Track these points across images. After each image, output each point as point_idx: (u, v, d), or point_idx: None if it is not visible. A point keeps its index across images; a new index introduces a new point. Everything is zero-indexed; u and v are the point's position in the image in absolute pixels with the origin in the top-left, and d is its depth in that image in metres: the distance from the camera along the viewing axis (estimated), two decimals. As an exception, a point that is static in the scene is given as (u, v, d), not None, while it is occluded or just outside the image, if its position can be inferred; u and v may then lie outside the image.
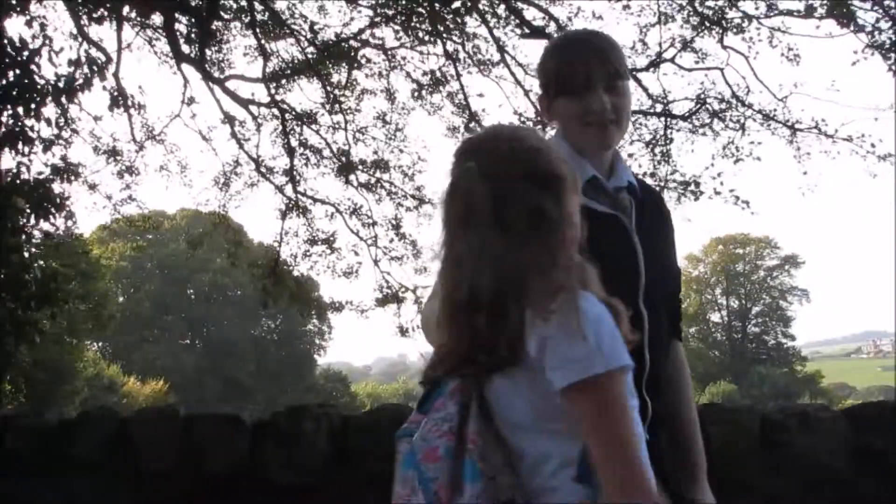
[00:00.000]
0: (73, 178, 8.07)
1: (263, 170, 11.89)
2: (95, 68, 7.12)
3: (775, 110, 9.96)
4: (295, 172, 11.72)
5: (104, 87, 8.80)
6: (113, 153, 11.20)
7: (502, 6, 9.81)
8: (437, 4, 9.23)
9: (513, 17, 9.86)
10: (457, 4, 9.42)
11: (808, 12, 8.99)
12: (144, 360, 42.99)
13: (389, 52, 10.84)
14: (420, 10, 9.53)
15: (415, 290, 12.83)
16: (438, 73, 10.79)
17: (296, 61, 10.62)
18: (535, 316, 1.44)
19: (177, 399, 36.45)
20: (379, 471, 5.00)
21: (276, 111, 11.32)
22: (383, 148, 12.00)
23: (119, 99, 7.83)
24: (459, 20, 9.81)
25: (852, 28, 8.75)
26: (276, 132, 11.58)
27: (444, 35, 10.16)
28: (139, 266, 46.64)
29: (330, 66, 10.58)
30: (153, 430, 5.25)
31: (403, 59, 11.07)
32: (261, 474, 5.00)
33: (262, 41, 10.35)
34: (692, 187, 10.46)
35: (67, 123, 8.40)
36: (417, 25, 10.00)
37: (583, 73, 1.94)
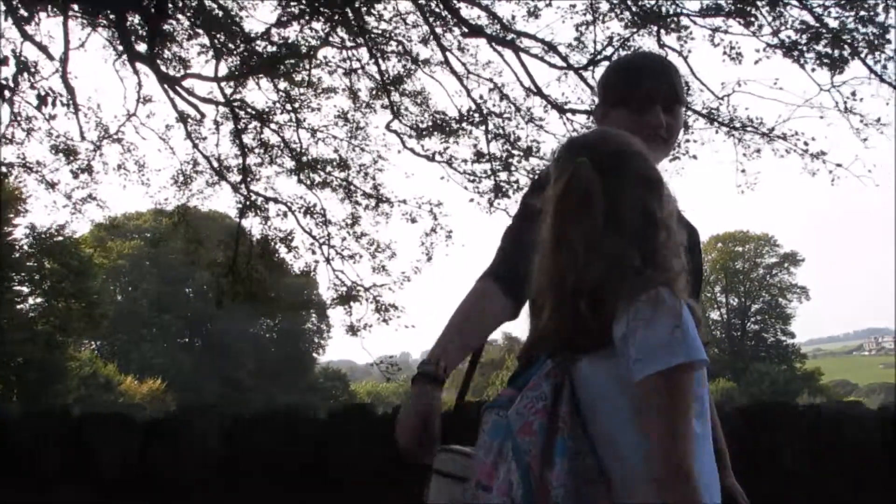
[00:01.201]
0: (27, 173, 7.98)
1: (218, 168, 11.80)
2: (24, 67, 7.03)
3: (716, 109, 9.89)
4: (249, 171, 11.65)
5: (32, 86, 8.70)
6: (66, 152, 11.15)
7: (439, 5, 9.76)
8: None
9: (451, 17, 9.78)
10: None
11: (711, 11, 9.05)
12: (142, 358, 43.02)
13: (349, 52, 10.77)
14: (322, 8, 9.47)
15: (369, 288, 12.84)
16: (387, 74, 10.77)
17: (252, 60, 10.51)
18: (625, 307, 1.53)
19: (174, 398, 36.45)
20: (272, 467, 5.02)
21: (230, 110, 11.26)
22: (343, 147, 11.94)
23: (48, 98, 7.74)
24: (361, 21, 9.82)
25: (752, 29, 8.90)
26: (231, 131, 11.51)
27: (366, 35, 10.14)
28: (137, 265, 46.65)
29: (283, 65, 10.47)
30: (41, 431, 5.19)
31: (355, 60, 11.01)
32: (151, 472, 4.98)
33: (215, 40, 10.23)
34: None
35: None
36: (327, 22, 9.93)
37: (646, 89, 2.11)
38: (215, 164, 11.75)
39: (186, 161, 12.01)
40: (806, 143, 9.53)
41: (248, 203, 11.88)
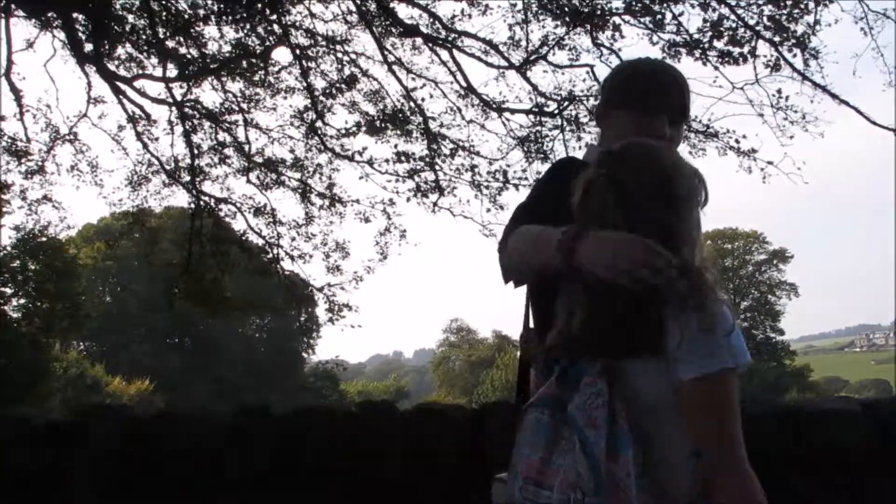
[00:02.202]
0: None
1: (170, 168, 11.73)
2: None
3: None
4: (199, 171, 11.60)
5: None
6: (16, 153, 11.11)
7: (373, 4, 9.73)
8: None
9: (385, 16, 9.75)
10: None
11: (620, 11, 9.05)
12: (131, 359, 42.81)
13: (303, 52, 10.70)
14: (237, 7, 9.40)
15: (321, 289, 12.81)
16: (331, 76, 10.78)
17: (205, 60, 10.46)
18: (675, 311, 1.62)
19: (163, 399, 36.33)
20: (175, 472, 4.96)
21: (179, 111, 11.17)
22: (299, 147, 11.90)
23: None
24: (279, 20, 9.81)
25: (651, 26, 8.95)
26: (181, 132, 11.42)
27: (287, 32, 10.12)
28: (125, 265, 46.42)
29: (233, 67, 10.42)
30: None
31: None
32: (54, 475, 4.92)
33: (164, 41, 10.12)
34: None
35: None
36: (246, 22, 9.86)
37: (657, 97, 2.11)
38: (167, 165, 11.68)
39: (139, 162, 11.96)
40: (738, 141, 9.67)
41: (199, 204, 11.79)
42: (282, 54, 10.69)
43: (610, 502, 1.55)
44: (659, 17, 8.81)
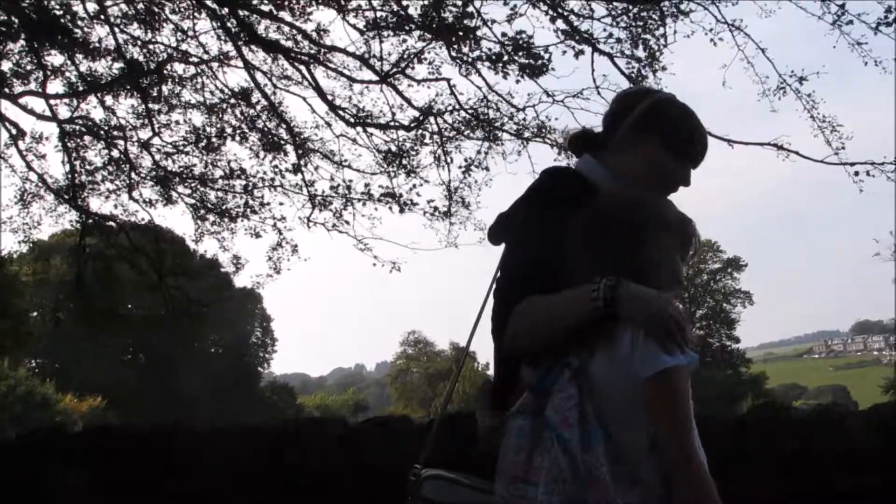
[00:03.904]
0: None
1: (55, 187, 11.57)
2: None
3: (510, 119, 10.00)
4: (82, 188, 11.43)
5: None
6: None
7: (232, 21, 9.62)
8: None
9: (244, 33, 9.67)
10: None
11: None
12: (84, 376, 42.08)
13: (199, 66, 10.66)
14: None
15: (207, 305, 12.69)
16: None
17: (94, 75, 10.35)
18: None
19: (116, 415, 35.75)
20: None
21: (69, 127, 11.04)
22: (194, 161, 11.70)
23: None
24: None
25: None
26: (60, 149, 11.20)
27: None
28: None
29: (122, 82, 10.27)
30: None
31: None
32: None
33: (42, 56, 9.98)
34: (399, 200, 10.74)
35: None
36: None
37: (699, 150, 2.26)
38: (52, 184, 11.51)
39: (26, 179, 11.73)
40: None
41: (85, 222, 11.64)
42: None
43: (590, 490, 1.73)
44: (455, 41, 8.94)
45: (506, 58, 8.85)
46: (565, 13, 8.67)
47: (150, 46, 10.27)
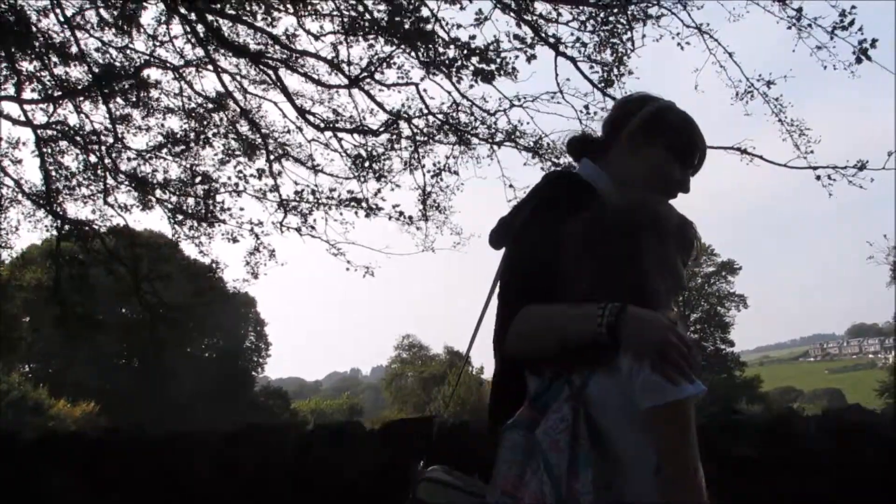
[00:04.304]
0: None
1: (31, 193, 11.60)
2: None
3: (482, 123, 10.03)
4: (56, 194, 11.43)
5: None
6: None
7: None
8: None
9: (212, 37, 9.70)
10: None
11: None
12: (77, 381, 42.02)
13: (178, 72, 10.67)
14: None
15: (185, 310, 12.67)
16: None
17: (69, 80, 10.36)
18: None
19: (109, 420, 35.69)
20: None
21: (44, 132, 11.05)
22: (172, 167, 11.70)
23: None
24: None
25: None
26: (41, 153, 11.17)
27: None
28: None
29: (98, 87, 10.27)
30: None
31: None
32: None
33: (16, 61, 9.98)
34: (363, 204, 10.79)
35: None
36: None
37: (699, 156, 2.31)
38: (28, 189, 11.55)
39: (1, 185, 11.68)
40: (557, 157, 9.80)
41: (61, 227, 11.67)
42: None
43: None
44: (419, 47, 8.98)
45: (458, 63, 8.89)
46: (532, 19, 8.71)
47: (127, 52, 10.28)
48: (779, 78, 8.27)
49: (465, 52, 8.76)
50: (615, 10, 8.53)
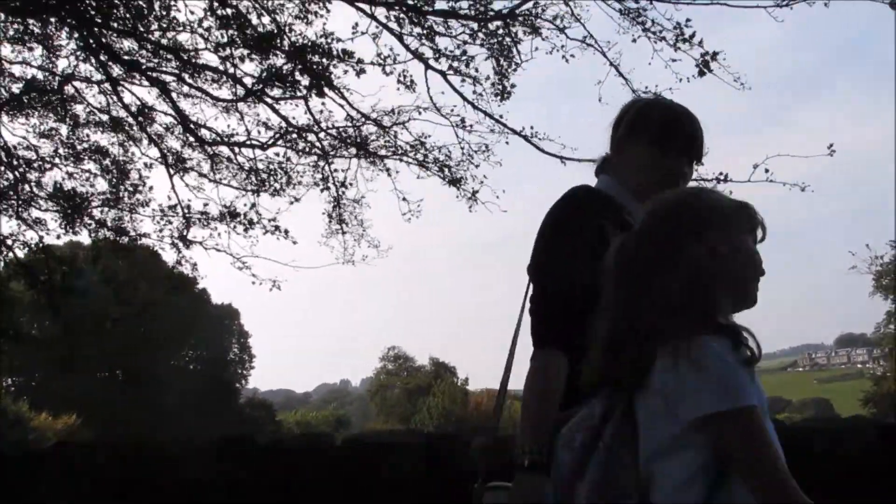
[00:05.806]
0: None
1: None
2: None
3: (378, 137, 10.19)
4: None
5: None
6: None
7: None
8: None
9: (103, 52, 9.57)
10: None
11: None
12: (61, 393, 41.76)
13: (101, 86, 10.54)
14: None
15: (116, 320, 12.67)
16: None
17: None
18: (664, 353, 1.59)
19: (92, 432, 35.46)
20: None
21: None
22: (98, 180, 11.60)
23: None
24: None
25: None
26: None
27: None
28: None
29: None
30: None
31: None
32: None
33: None
34: (239, 219, 10.82)
35: None
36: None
37: (685, 139, 2.29)
38: None
39: None
40: (447, 167, 10.00)
41: None
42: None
43: None
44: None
45: (290, 78, 8.99)
46: (407, 33, 8.96)
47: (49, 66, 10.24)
48: (665, 90, 7.97)
49: (299, 66, 8.90)
50: (498, 26, 8.76)
